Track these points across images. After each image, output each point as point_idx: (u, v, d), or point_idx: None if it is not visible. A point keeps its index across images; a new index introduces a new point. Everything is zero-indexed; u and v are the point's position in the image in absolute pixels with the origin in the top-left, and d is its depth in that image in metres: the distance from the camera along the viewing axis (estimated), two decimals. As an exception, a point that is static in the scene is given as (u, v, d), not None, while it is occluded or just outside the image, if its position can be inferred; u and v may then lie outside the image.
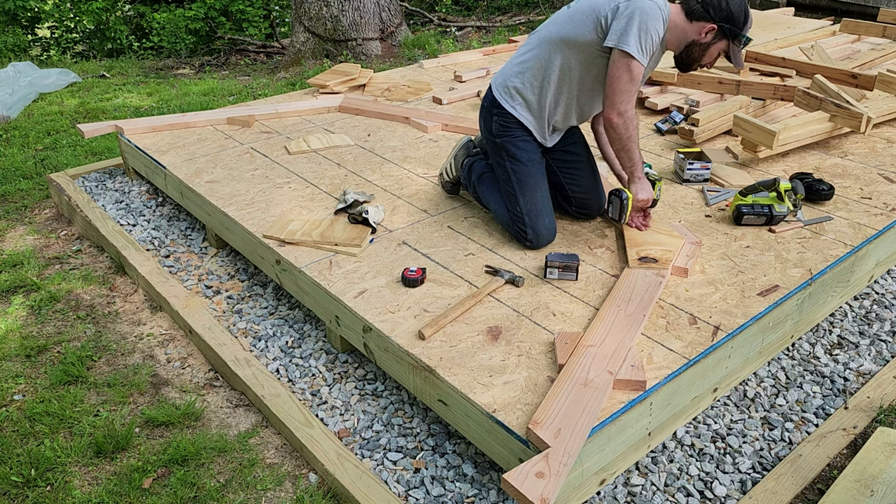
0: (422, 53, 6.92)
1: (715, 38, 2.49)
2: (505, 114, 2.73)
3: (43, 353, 2.76)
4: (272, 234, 2.85)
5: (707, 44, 2.51)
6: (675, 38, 2.53)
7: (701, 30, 2.48)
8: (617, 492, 2.09)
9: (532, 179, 2.72)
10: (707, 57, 2.55)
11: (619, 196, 2.70)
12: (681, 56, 2.58)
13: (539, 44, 2.65)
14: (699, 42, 2.50)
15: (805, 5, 8.32)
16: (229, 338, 2.69)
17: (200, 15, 9.22)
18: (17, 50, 9.08)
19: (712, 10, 2.45)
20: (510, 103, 2.72)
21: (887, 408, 2.38)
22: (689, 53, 2.54)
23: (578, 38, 2.53)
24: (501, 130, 2.74)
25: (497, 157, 2.79)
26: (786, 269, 2.58)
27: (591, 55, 2.54)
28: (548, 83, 2.64)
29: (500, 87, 2.76)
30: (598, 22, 2.48)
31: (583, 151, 2.90)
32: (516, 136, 2.73)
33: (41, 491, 2.15)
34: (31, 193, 4.09)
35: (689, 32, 2.50)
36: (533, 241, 2.71)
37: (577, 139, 2.92)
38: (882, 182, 3.28)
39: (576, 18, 2.54)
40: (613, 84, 2.47)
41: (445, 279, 2.57)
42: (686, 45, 2.53)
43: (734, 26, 2.46)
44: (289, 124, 4.11)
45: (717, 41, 2.50)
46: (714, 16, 2.45)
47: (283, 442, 2.32)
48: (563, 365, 2.09)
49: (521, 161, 2.72)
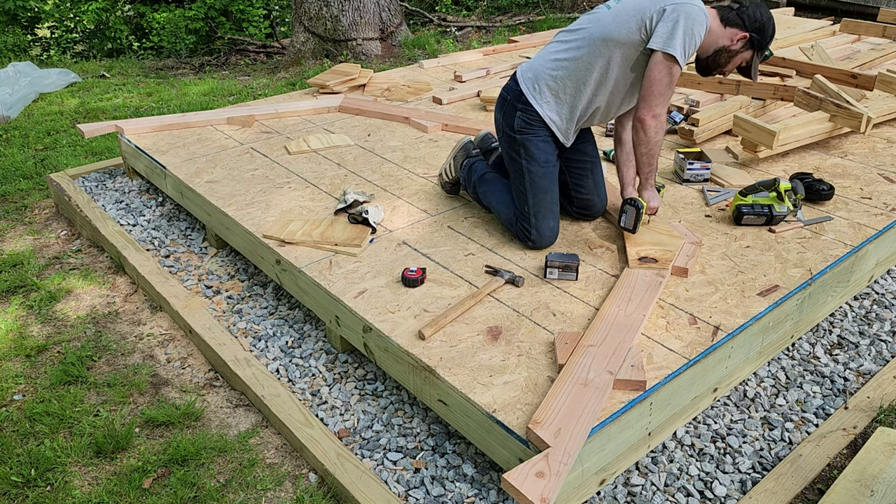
0: (422, 53, 6.92)
1: (744, 46, 2.52)
2: (531, 111, 2.65)
3: (43, 353, 2.76)
4: (272, 234, 2.85)
5: (736, 51, 2.53)
6: (707, 42, 2.53)
7: (733, 37, 2.51)
8: (617, 492, 2.09)
9: (545, 181, 2.69)
10: (731, 65, 2.57)
11: (635, 205, 2.65)
12: (707, 60, 2.59)
13: (582, 43, 2.57)
14: (729, 49, 2.53)
15: (805, 5, 8.32)
16: (229, 338, 2.69)
17: (200, 15, 9.22)
18: (17, 50, 9.08)
19: (747, 20, 2.48)
20: (538, 101, 2.64)
21: (887, 408, 2.38)
22: (716, 59, 2.56)
23: (622, 38, 2.50)
24: (524, 127, 2.67)
25: (512, 153, 2.72)
26: (786, 269, 2.58)
27: (632, 56, 2.52)
28: (585, 84, 2.59)
29: (531, 82, 2.66)
30: (642, 23, 2.46)
31: (593, 152, 2.87)
32: (538, 136, 2.67)
33: (41, 491, 2.15)
34: (31, 193, 4.09)
35: (721, 38, 2.52)
36: (535, 241, 2.71)
37: (588, 139, 2.88)
38: (882, 182, 3.28)
39: (620, 18, 2.50)
40: (653, 86, 2.46)
41: (445, 279, 2.57)
42: (716, 50, 2.54)
43: (763, 38, 2.49)
44: (289, 124, 4.11)
45: (745, 50, 2.53)
46: (748, 25, 2.48)
47: (283, 442, 2.32)
48: (563, 365, 2.09)
49: (538, 161, 2.68)
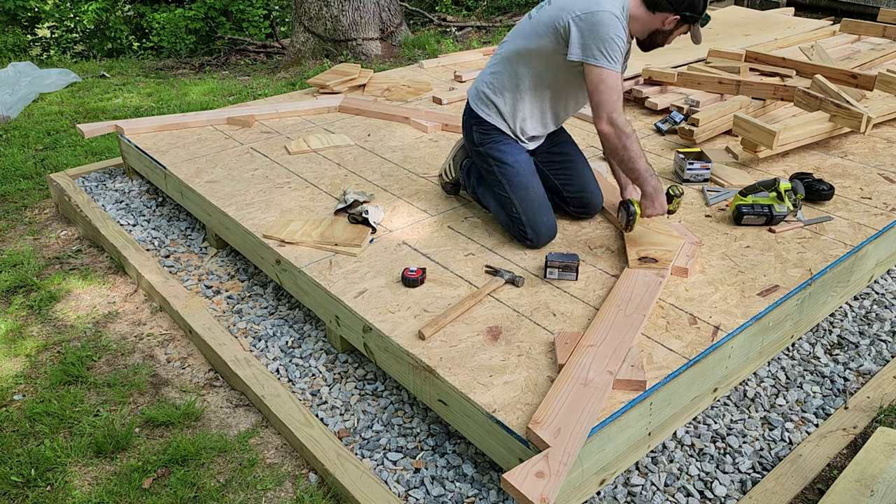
0: (422, 53, 6.92)
1: (677, 25, 2.56)
2: (483, 122, 2.77)
3: (43, 353, 2.76)
4: (272, 234, 2.85)
5: (670, 30, 2.58)
6: (638, 28, 2.59)
7: (664, 20, 2.55)
8: (617, 492, 2.09)
9: (522, 178, 2.73)
10: (670, 40, 2.63)
11: (627, 209, 2.65)
12: (644, 42, 2.65)
13: (507, 56, 2.69)
14: (662, 30, 2.58)
15: (805, 5, 8.32)
16: (229, 338, 2.69)
17: (200, 15, 9.22)
18: (17, 50, 9.08)
19: (674, 2, 2.50)
20: (487, 112, 2.77)
21: (887, 408, 2.38)
22: (652, 40, 2.62)
23: (542, 49, 2.59)
24: (482, 139, 2.78)
25: (484, 165, 2.82)
26: (786, 269, 2.58)
27: (559, 62, 2.58)
28: (520, 93, 2.70)
29: (476, 98, 2.81)
30: (557, 32, 2.53)
31: (571, 150, 2.93)
32: (498, 141, 2.77)
33: (41, 491, 2.15)
34: (31, 193, 4.09)
35: (652, 22, 2.56)
36: (533, 240, 2.71)
37: (564, 139, 2.95)
38: (882, 182, 3.28)
39: (538, 29, 2.59)
40: (592, 97, 2.51)
41: (445, 279, 2.57)
42: (650, 32, 2.60)
43: (694, 13, 2.52)
44: (289, 124, 4.11)
45: (680, 26, 2.58)
46: (676, 7, 2.51)
47: (283, 442, 2.32)
48: (563, 365, 2.09)
49: (507, 163, 2.74)
